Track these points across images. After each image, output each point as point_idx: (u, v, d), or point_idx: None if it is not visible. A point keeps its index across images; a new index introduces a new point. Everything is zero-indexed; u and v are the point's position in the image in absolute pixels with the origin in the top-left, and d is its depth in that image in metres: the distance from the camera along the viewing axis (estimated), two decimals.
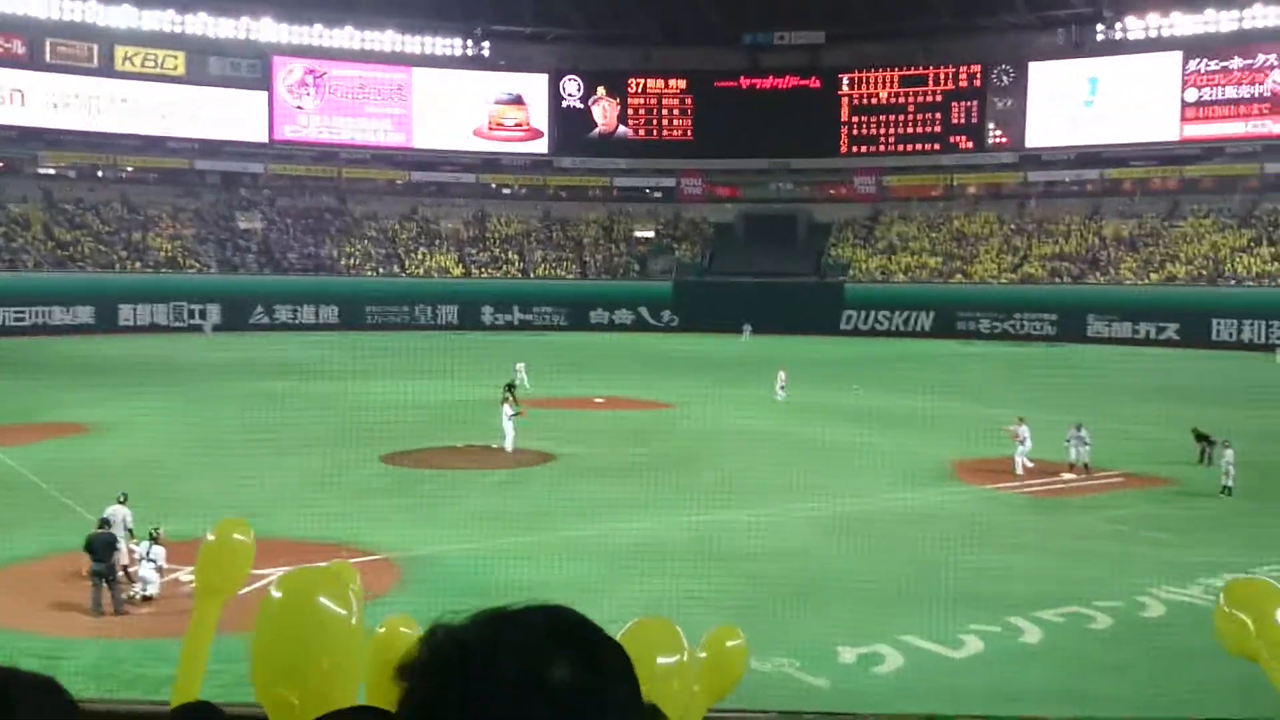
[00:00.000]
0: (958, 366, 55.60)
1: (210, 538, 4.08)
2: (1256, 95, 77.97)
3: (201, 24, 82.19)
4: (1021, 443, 28.80)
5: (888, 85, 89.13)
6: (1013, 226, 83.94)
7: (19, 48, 77.67)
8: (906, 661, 15.52)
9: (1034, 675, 15.23)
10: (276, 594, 2.13)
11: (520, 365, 43.95)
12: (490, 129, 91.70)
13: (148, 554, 17.96)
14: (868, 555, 20.36)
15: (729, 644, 4.43)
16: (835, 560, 20.26)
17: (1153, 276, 75.09)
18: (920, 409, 38.83)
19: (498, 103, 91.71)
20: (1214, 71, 79.18)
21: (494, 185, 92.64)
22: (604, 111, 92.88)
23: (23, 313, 66.40)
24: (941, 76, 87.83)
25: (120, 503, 19.33)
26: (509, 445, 31.15)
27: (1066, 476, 28.72)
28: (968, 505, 25.41)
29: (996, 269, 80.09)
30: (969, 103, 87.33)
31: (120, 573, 18.02)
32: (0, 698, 1.32)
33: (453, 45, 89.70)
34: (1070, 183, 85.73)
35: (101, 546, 17.41)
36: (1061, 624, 17.07)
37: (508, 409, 32.13)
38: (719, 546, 20.66)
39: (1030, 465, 28.76)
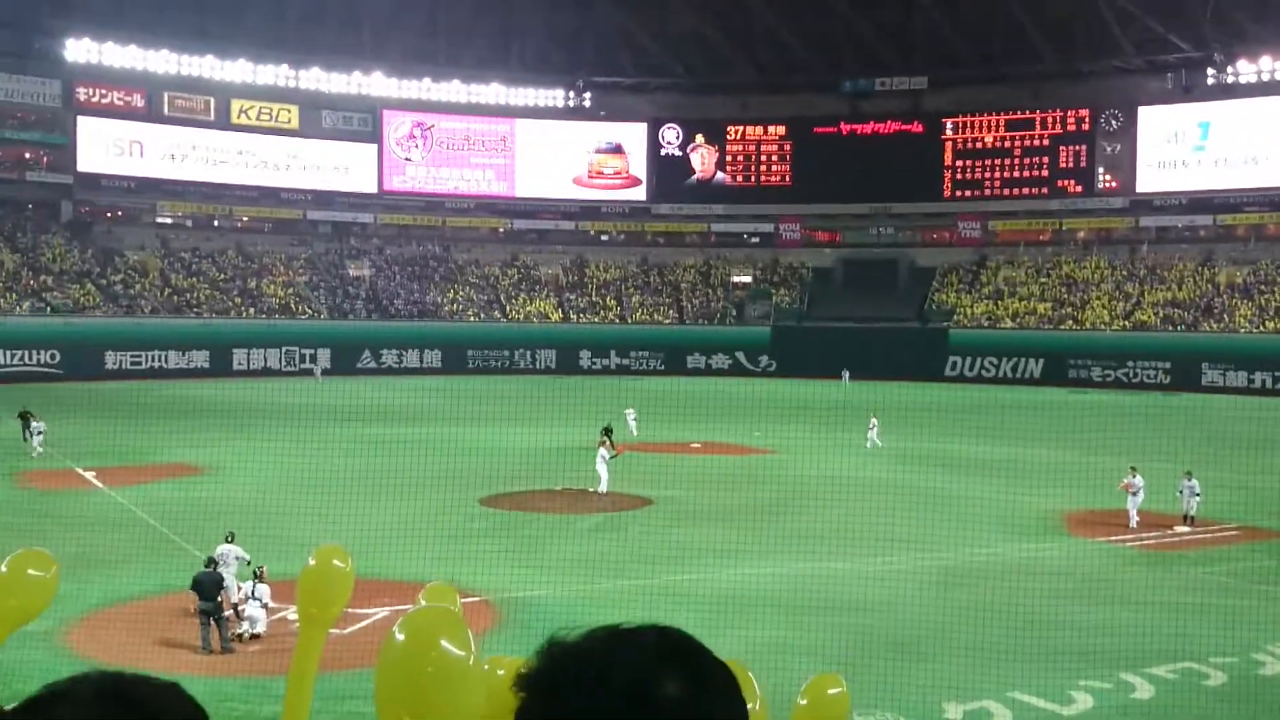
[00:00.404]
0: (1068, 414, 54.27)
1: (311, 563, 4.20)
2: None
3: (314, 79, 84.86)
4: (1135, 494, 27.98)
5: (993, 130, 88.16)
6: (1124, 272, 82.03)
7: (138, 101, 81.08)
8: (1015, 718, 15.07)
9: None
10: (400, 636, 2.20)
11: (630, 411, 43.97)
12: (590, 177, 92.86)
13: (253, 592, 18.32)
14: (974, 608, 19.84)
15: (830, 691, 4.36)
16: (940, 613, 19.83)
17: (1268, 325, 72.65)
18: (1029, 458, 38.02)
19: (597, 151, 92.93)
20: None
21: (593, 232, 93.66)
22: (703, 159, 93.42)
23: (139, 356, 68.55)
24: (1050, 121, 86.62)
25: (228, 542, 19.78)
26: (603, 488, 31.26)
27: (1180, 529, 27.78)
28: (1078, 558, 24.71)
29: (1108, 315, 78.18)
30: (1078, 147, 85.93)
31: (229, 611, 18.42)
32: (137, 704, 1.37)
33: (555, 97, 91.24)
34: (1183, 228, 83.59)
35: (209, 585, 17.81)
36: (1175, 680, 16.47)
37: (604, 452, 32.24)
38: (819, 596, 20.35)
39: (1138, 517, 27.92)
